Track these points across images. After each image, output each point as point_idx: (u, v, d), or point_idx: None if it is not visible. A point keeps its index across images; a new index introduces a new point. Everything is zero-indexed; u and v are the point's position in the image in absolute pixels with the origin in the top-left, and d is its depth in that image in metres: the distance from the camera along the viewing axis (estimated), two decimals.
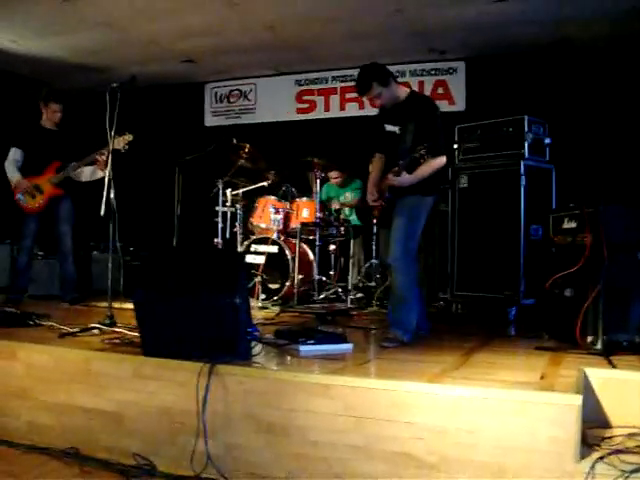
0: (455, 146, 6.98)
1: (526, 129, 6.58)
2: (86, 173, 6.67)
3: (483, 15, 7.08)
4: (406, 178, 4.68)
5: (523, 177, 6.41)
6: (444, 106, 8.41)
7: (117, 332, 4.71)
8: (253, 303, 6.71)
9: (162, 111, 9.97)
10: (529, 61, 8.06)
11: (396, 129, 4.89)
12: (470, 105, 8.59)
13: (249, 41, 8.03)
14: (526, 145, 6.56)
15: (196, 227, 8.03)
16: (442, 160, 4.71)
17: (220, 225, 7.50)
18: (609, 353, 4.07)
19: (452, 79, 8.77)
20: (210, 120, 10.14)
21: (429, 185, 4.77)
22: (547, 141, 6.81)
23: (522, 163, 6.44)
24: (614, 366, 3.81)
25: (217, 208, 7.50)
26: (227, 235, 7.56)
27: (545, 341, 4.77)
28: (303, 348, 4.21)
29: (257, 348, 4.20)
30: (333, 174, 8.23)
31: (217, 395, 3.57)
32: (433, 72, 8.87)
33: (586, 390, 3.42)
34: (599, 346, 4.22)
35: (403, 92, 4.93)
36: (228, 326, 3.76)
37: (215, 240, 7.49)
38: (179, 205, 7.52)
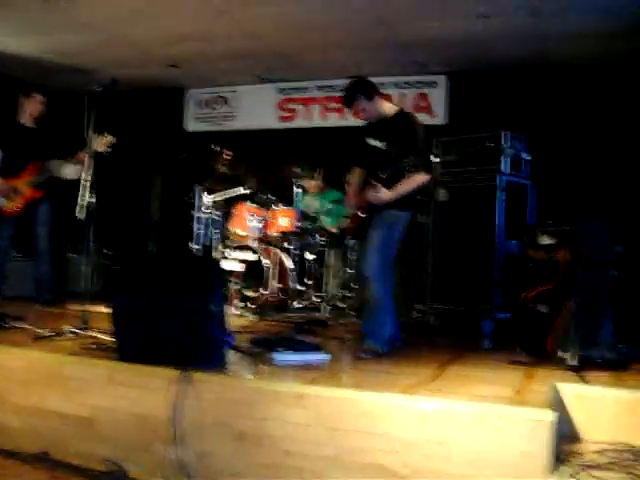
0: (436, 159, 7.00)
1: (505, 144, 6.63)
2: (70, 171, 6.56)
3: (467, 30, 7.10)
4: (385, 195, 4.69)
5: (501, 192, 6.46)
6: (425, 119, 8.41)
7: (92, 336, 4.68)
8: (229, 311, 6.69)
9: (143, 115, 9.92)
10: (511, 77, 8.10)
11: (381, 145, 4.90)
12: (451, 119, 8.61)
13: (234, 48, 8.01)
14: (505, 160, 6.60)
15: (173, 232, 8.00)
16: (425, 177, 4.73)
17: (197, 231, 7.48)
18: (581, 368, 4.11)
19: (434, 92, 8.80)
20: (192, 125, 10.10)
21: (406, 200, 4.79)
22: (526, 157, 6.86)
23: (500, 178, 6.48)
24: (586, 382, 3.84)
25: (193, 213, 7.48)
26: (204, 241, 7.53)
27: (519, 355, 4.79)
28: (278, 357, 4.21)
29: (232, 356, 4.19)
30: (312, 182, 8.24)
31: (191, 402, 3.56)
32: (415, 85, 8.91)
33: (558, 405, 3.44)
34: (572, 361, 4.26)
35: (389, 109, 4.98)
36: (203, 333, 3.75)
37: (192, 245, 7.46)
38: (158, 210, 7.50)
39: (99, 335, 4.65)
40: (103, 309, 5.01)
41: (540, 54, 7.60)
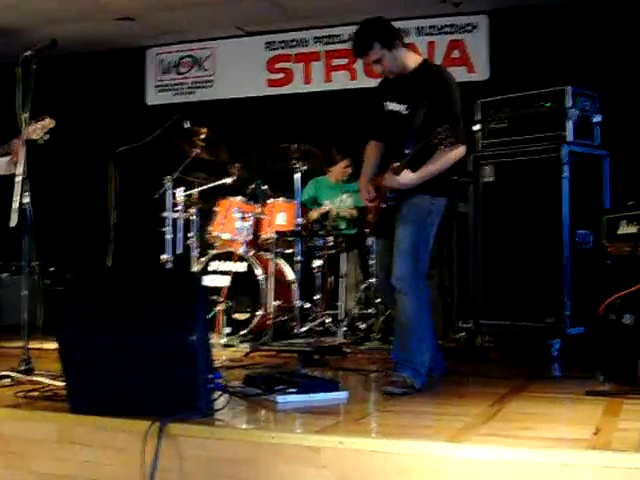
0: (477, 127, 7.01)
1: (570, 104, 6.61)
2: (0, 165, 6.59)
3: None
4: (409, 178, 4.69)
5: (566, 167, 6.44)
6: (461, 74, 8.46)
7: (35, 382, 4.69)
8: (214, 340, 6.71)
9: (91, 86, 9.97)
10: (573, 13, 8.09)
11: (402, 108, 4.90)
12: (495, 73, 8.63)
13: None
14: (570, 125, 6.59)
15: (137, 240, 8.02)
16: (462, 150, 4.73)
17: (169, 236, 7.48)
18: None
19: (471, 39, 8.82)
20: (154, 97, 10.14)
21: (442, 182, 4.81)
22: (597, 119, 6.84)
23: (565, 148, 6.48)
24: None
25: (165, 214, 7.48)
26: (179, 250, 7.55)
27: (599, 384, 4.79)
28: (282, 399, 4.21)
29: (221, 400, 4.19)
30: (341, 164, 8.24)
31: (169, 463, 3.56)
32: (446, 30, 8.93)
33: None
34: None
35: (413, 60, 4.95)
36: (182, 372, 3.76)
37: (163, 257, 7.46)
38: (115, 211, 7.52)
39: (44, 380, 4.66)
40: (48, 345, 5.03)
41: None
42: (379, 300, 7.28)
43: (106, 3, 8.36)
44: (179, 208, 7.52)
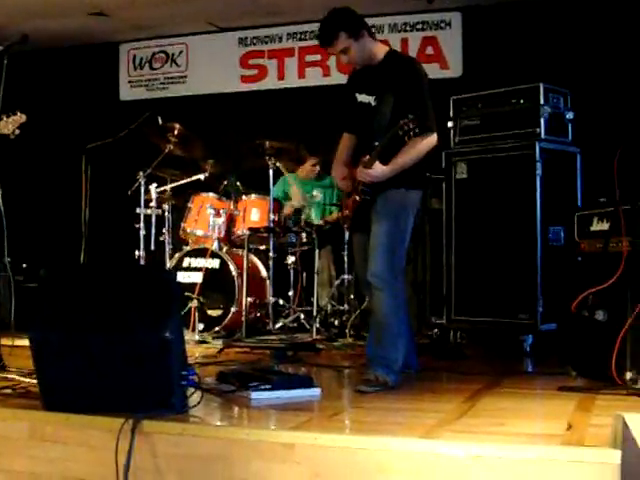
0: (450, 124, 7.02)
1: (542, 101, 6.64)
2: None
3: None
4: (381, 170, 4.67)
5: (539, 164, 6.47)
6: (435, 71, 8.48)
7: (7, 378, 4.67)
8: (188, 336, 6.68)
9: (64, 82, 9.90)
10: (545, 11, 8.11)
11: (371, 99, 4.90)
12: (468, 70, 8.65)
13: None
14: (542, 122, 6.62)
15: (111, 236, 7.98)
16: (432, 139, 4.72)
17: (142, 233, 7.45)
18: None
19: (444, 35, 8.84)
20: (127, 92, 10.10)
21: (416, 174, 4.80)
22: (570, 116, 6.87)
23: (537, 145, 6.50)
24: None
25: (138, 210, 7.46)
26: (152, 246, 7.52)
27: (572, 379, 4.82)
28: (256, 395, 4.21)
29: (195, 397, 4.18)
30: (308, 162, 8.24)
31: (143, 461, 3.54)
32: (420, 26, 8.94)
33: (626, 443, 3.46)
34: None
35: (380, 51, 4.93)
36: (156, 369, 3.74)
37: (136, 253, 7.44)
38: (87, 207, 7.48)
39: (16, 377, 4.64)
40: (21, 342, 4.99)
41: None
42: (353, 296, 7.29)
43: None
44: (152, 204, 7.50)
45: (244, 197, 7.57)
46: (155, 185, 7.52)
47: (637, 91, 7.41)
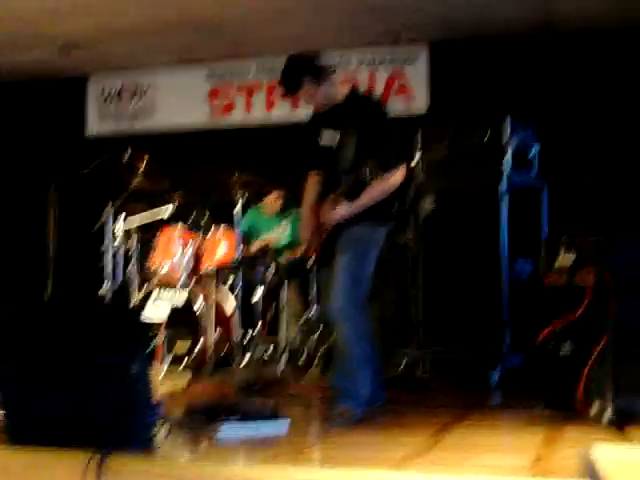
0: (416, 158, 7.05)
1: (508, 135, 6.69)
2: None
3: None
4: (345, 211, 4.72)
5: (505, 197, 6.52)
6: (402, 105, 8.54)
7: None
8: (154, 372, 6.64)
9: (31, 115, 9.87)
10: (511, 47, 8.19)
11: (334, 138, 4.93)
12: (435, 104, 8.68)
13: (146, 20, 7.99)
14: (508, 156, 6.66)
15: (77, 271, 7.93)
16: (397, 176, 4.76)
17: (109, 268, 7.42)
18: (622, 425, 4.15)
19: (411, 70, 8.89)
20: (95, 126, 10.06)
21: (381, 211, 4.82)
22: (535, 150, 6.92)
23: (503, 179, 6.54)
24: (629, 442, 3.87)
25: (105, 245, 7.42)
26: (119, 281, 7.49)
27: (539, 412, 4.83)
28: (223, 430, 4.19)
29: (162, 432, 4.16)
30: (271, 196, 8.23)
31: None
32: (387, 61, 8.98)
33: (594, 475, 3.46)
34: (609, 415, 4.29)
35: (343, 90, 5.00)
36: (122, 404, 3.72)
37: (103, 288, 7.40)
38: (54, 242, 7.44)
39: None
40: None
41: (547, 14, 7.68)
42: (320, 330, 7.27)
43: (47, 32, 8.29)
44: (119, 239, 7.47)
45: (211, 231, 7.55)
46: (122, 220, 7.50)
47: (601, 125, 7.50)
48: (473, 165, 6.78)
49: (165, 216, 7.60)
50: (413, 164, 6.94)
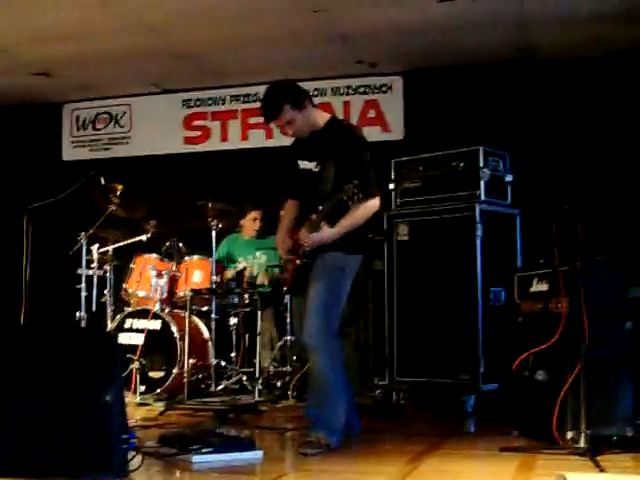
0: (391, 186, 7.08)
1: (482, 163, 6.72)
2: None
3: (425, 17, 7.21)
4: (327, 233, 4.72)
5: (479, 225, 6.53)
6: (376, 133, 8.56)
7: None
8: (129, 398, 6.60)
9: (6, 141, 9.84)
10: (484, 76, 8.25)
11: (312, 166, 4.95)
12: (409, 133, 8.71)
13: (122, 47, 7.99)
14: (482, 184, 6.69)
15: (52, 297, 7.88)
16: (375, 203, 4.79)
17: (84, 294, 7.39)
18: (596, 452, 4.15)
19: (386, 99, 8.92)
20: (70, 153, 10.03)
21: (356, 239, 4.83)
22: (509, 178, 6.96)
23: (478, 207, 6.56)
24: (602, 469, 3.88)
25: (80, 271, 7.40)
26: (93, 307, 7.46)
27: (513, 439, 4.83)
28: (197, 459, 4.17)
29: (136, 461, 4.13)
30: (249, 216, 8.24)
31: None
32: (362, 90, 9.02)
33: None
34: (582, 444, 4.29)
35: (322, 118, 5.02)
36: (95, 432, 3.69)
37: (77, 314, 7.37)
38: (28, 268, 7.39)
39: None
40: None
41: (520, 44, 7.75)
42: (295, 358, 7.26)
43: (22, 58, 8.27)
44: (94, 265, 7.45)
45: (186, 258, 7.55)
46: (97, 246, 7.49)
47: (574, 153, 7.56)
48: (447, 193, 6.81)
49: (140, 244, 7.59)
50: (387, 192, 6.96)
